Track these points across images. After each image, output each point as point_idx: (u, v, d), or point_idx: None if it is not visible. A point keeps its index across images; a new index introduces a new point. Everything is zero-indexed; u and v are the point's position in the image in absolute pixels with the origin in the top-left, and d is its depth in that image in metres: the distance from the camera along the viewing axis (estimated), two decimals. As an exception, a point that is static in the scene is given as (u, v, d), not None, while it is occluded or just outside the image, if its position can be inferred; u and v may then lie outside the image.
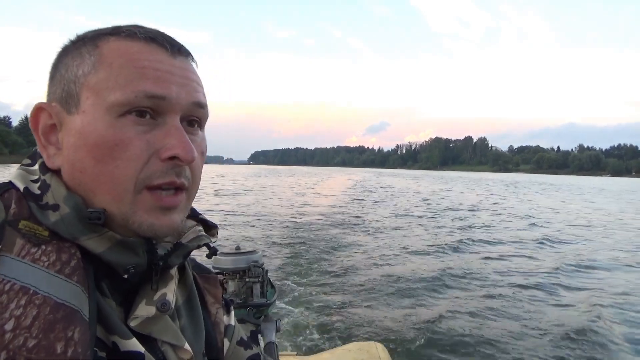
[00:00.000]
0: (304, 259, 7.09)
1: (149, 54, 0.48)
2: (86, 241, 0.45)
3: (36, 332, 0.38)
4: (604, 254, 8.39)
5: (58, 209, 0.45)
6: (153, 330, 0.49)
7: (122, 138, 0.45)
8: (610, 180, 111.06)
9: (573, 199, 26.59)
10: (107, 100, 0.45)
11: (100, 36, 0.49)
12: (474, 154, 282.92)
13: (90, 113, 0.46)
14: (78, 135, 0.46)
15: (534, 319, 4.55)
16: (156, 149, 0.46)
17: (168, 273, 0.53)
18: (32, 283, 0.40)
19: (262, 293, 1.62)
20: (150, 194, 0.47)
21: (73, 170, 0.47)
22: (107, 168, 0.45)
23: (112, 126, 0.45)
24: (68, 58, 0.49)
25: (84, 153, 0.46)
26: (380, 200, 20.28)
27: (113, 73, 0.46)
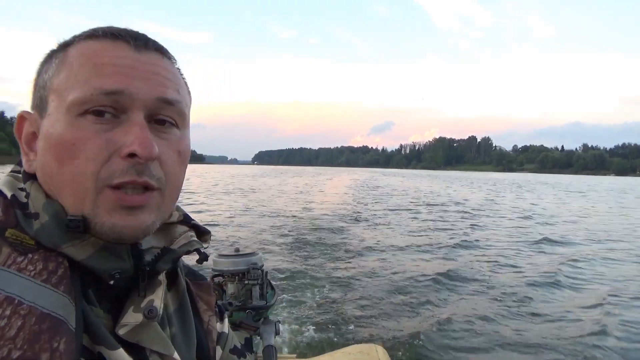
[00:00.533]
0: (304, 260, 7.07)
1: (110, 51, 0.46)
2: (68, 248, 0.44)
3: (21, 343, 0.37)
4: (604, 251, 8.43)
5: (38, 217, 0.45)
6: (141, 338, 0.48)
7: (80, 137, 0.44)
8: (612, 179, 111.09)
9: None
10: (66, 100, 0.45)
11: (70, 43, 0.49)
12: (477, 153, 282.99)
13: (53, 115, 0.46)
14: (44, 139, 0.46)
15: (537, 320, 4.51)
16: (117, 147, 0.45)
17: (156, 279, 0.52)
18: (17, 293, 0.39)
19: (261, 295, 1.60)
20: (113, 193, 0.45)
21: (43, 174, 0.47)
22: (67, 169, 0.44)
23: (71, 125, 0.44)
24: (41, 67, 0.50)
25: (49, 156, 0.46)
26: (382, 200, 20.13)
27: (73, 72, 0.45)
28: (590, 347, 3.83)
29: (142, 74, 0.47)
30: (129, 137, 0.44)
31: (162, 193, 0.49)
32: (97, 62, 0.45)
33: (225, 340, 0.67)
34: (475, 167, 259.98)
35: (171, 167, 0.49)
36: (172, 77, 0.50)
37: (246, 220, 11.72)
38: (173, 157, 0.49)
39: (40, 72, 0.50)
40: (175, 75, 0.51)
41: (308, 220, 11.84)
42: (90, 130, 0.44)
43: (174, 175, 0.50)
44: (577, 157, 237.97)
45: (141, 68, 0.47)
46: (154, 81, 0.47)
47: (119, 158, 0.45)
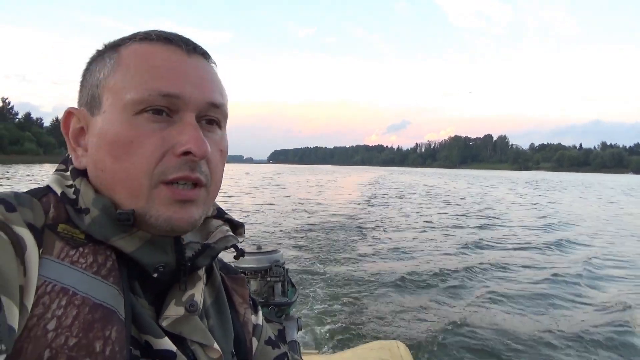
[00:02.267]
0: (325, 256, 7.15)
1: (164, 54, 0.50)
2: (118, 241, 0.47)
3: (76, 331, 0.39)
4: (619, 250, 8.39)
5: (89, 212, 0.47)
6: (183, 330, 0.50)
7: (137, 135, 0.47)
8: (629, 177, 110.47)
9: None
10: (123, 100, 0.47)
11: (120, 42, 0.52)
12: (493, 152, 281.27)
13: (109, 112, 0.48)
14: (98, 135, 0.49)
15: (560, 319, 4.48)
16: (171, 145, 0.48)
17: (196, 274, 0.54)
18: (71, 284, 0.42)
19: (283, 292, 1.64)
20: (167, 188, 0.48)
21: (96, 169, 0.49)
22: (123, 165, 0.47)
23: (128, 124, 0.47)
24: (93, 65, 0.52)
25: (104, 152, 0.48)
26: (400, 198, 20.69)
27: (129, 73, 0.48)
28: (616, 349, 3.77)
29: (193, 78, 0.50)
30: (183, 136, 0.48)
31: (208, 189, 0.52)
32: (153, 64, 0.49)
33: (260, 331, 0.69)
34: (491, 165, 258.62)
35: (215, 164, 0.52)
36: (217, 81, 0.54)
37: (263, 217, 11.94)
38: (216, 156, 0.53)
39: (92, 70, 0.52)
40: (218, 79, 0.54)
41: (326, 217, 12.05)
42: (147, 128, 0.47)
43: (217, 172, 0.53)
44: (594, 156, 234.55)
45: (192, 72, 0.50)
46: (203, 86, 0.51)
47: (173, 155, 0.48)
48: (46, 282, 0.41)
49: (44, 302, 0.40)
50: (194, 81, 0.50)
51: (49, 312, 0.39)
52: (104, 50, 0.53)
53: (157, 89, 0.47)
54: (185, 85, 0.49)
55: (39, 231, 0.43)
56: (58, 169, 0.53)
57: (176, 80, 0.49)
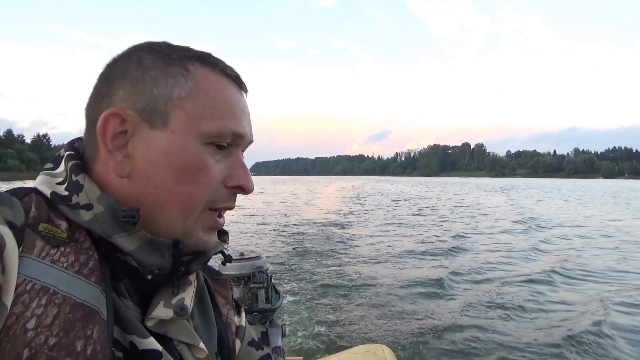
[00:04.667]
0: (307, 262, 7.22)
1: (233, 92, 0.53)
2: (118, 239, 0.47)
3: (57, 331, 0.39)
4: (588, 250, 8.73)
5: (91, 208, 0.47)
6: (169, 330, 0.50)
7: (206, 164, 0.50)
8: (599, 182, 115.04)
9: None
10: (199, 128, 0.49)
11: (186, 59, 0.52)
12: (471, 160, 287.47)
13: (180, 135, 0.49)
14: (163, 153, 0.49)
15: (539, 320, 4.59)
16: (224, 177, 0.52)
17: (187, 279, 0.56)
18: (52, 283, 0.41)
19: (267, 298, 1.62)
20: (210, 215, 0.52)
21: (146, 183, 0.49)
22: (186, 188, 0.49)
23: (200, 152, 0.49)
24: (154, 72, 0.50)
25: (166, 171, 0.48)
26: (380, 206, 21.14)
27: (209, 104, 0.50)
28: (594, 348, 3.84)
29: (248, 119, 0.55)
30: (237, 172, 0.53)
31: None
32: (229, 102, 0.52)
33: (243, 333, 0.70)
34: (469, 173, 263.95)
35: None
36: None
37: (245, 224, 12.18)
38: None
39: (158, 81, 0.50)
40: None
41: (308, 224, 12.35)
42: (212, 160, 0.50)
43: None
44: (567, 162, 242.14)
45: (247, 113, 0.55)
46: (251, 126, 0.56)
47: (224, 186, 0.52)
48: (26, 281, 0.40)
49: (24, 301, 0.39)
50: (248, 122, 0.55)
51: (29, 311, 0.39)
52: (166, 59, 0.51)
53: (232, 128, 0.51)
54: (246, 127, 0.54)
55: (19, 229, 0.42)
56: (46, 168, 0.52)
57: (242, 121, 0.53)
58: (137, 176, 0.49)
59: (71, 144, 0.54)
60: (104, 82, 0.52)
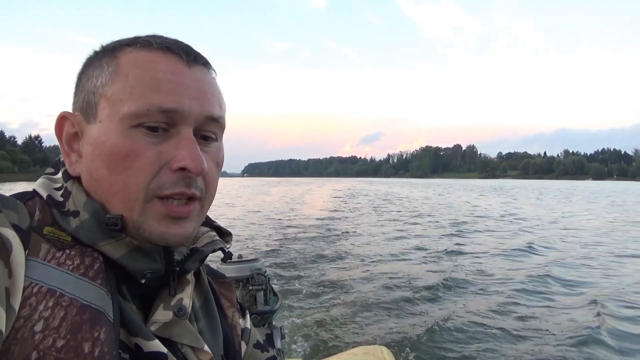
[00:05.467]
0: (305, 264, 7.19)
1: (164, 65, 0.48)
2: (104, 246, 0.46)
3: (64, 333, 0.39)
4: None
5: (78, 215, 0.47)
6: (172, 333, 0.50)
7: (134, 148, 0.46)
8: (588, 183, 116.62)
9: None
10: (121, 111, 0.46)
11: (119, 47, 0.50)
12: (463, 161, 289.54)
13: (105, 123, 0.47)
14: (94, 145, 0.48)
15: (536, 320, 4.61)
16: (167, 160, 0.47)
17: (185, 278, 0.54)
18: (58, 285, 0.41)
19: (265, 301, 1.62)
20: (161, 203, 0.48)
21: (90, 178, 0.49)
22: (119, 177, 0.47)
23: (125, 136, 0.46)
24: (89, 69, 0.50)
25: (99, 162, 0.47)
26: (373, 207, 21.38)
27: (128, 84, 0.47)
28: (582, 345, 3.88)
29: (193, 92, 0.49)
30: (180, 152, 0.47)
31: (202, 202, 0.52)
32: (153, 76, 0.47)
33: (248, 335, 0.69)
34: (460, 174, 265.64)
35: (210, 178, 0.52)
36: (216, 93, 0.53)
37: (242, 227, 12.21)
38: (212, 168, 0.52)
39: (88, 75, 0.50)
40: (218, 90, 0.53)
41: (304, 226, 12.39)
42: (143, 142, 0.47)
43: (212, 185, 0.53)
44: (557, 163, 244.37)
45: (192, 85, 0.49)
46: (203, 99, 0.50)
47: (169, 170, 0.48)
48: (33, 284, 0.40)
49: (31, 304, 0.39)
50: (194, 94, 0.49)
51: (36, 314, 0.39)
52: (102, 53, 0.51)
53: (157, 104, 0.46)
54: (185, 99, 0.48)
55: (24, 233, 0.42)
56: (46, 173, 0.53)
57: (175, 94, 0.48)
58: (84, 173, 0.49)
59: None
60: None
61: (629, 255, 8.37)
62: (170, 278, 0.52)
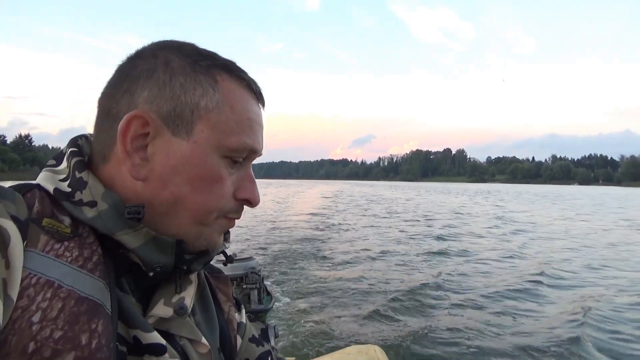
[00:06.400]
0: (298, 264, 7.27)
1: (254, 107, 0.54)
2: (122, 236, 0.48)
3: (62, 324, 0.39)
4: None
5: (95, 205, 0.48)
6: (170, 326, 0.51)
7: (222, 177, 0.52)
8: (574, 188, 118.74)
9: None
10: (220, 142, 0.50)
11: (214, 68, 0.52)
12: (452, 165, 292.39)
13: (202, 146, 0.50)
14: (183, 162, 0.50)
15: (525, 320, 4.69)
16: (235, 188, 0.54)
17: (188, 278, 0.57)
18: (56, 277, 0.41)
19: (259, 299, 1.59)
20: (222, 221, 0.55)
21: (163, 188, 0.50)
22: (201, 198, 0.51)
23: (218, 165, 0.51)
24: (183, 79, 0.50)
25: (183, 179, 0.50)
26: (365, 209, 21.90)
27: (233, 118, 0.51)
28: (570, 346, 3.96)
29: (262, 134, 0.56)
30: (247, 185, 0.55)
31: None
32: (250, 117, 0.53)
33: (244, 329, 0.71)
34: (450, 178, 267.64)
35: None
36: None
37: (235, 226, 13.73)
38: None
39: (185, 87, 0.50)
40: None
41: (296, 227, 12.65)
42: (227, 172, 0.52)
43: None
44: (545, 168, 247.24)
45: (262, 128, 0.56)
46: (263, 140, 0.57)
47: (234, 198, 0.54)
48: (31, 275, 0.40)
49: (29, 295, 0.39)
50: (262, 136, 0.56)
51: (34, 305, 0.39)
52: (194, 66, 0.51)
53: (250, 145, 0.53)
54: (261, 143, 0.55)
55: (23, 224, 0.42)
56: (48, 165, 0.53)
57: (259, 137, 0.55)
58: (153, 180, 0.50)
59: (74, 141, 0.55)
60: (125, 77, 0.51)
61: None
62: (176, 275, 0.54)
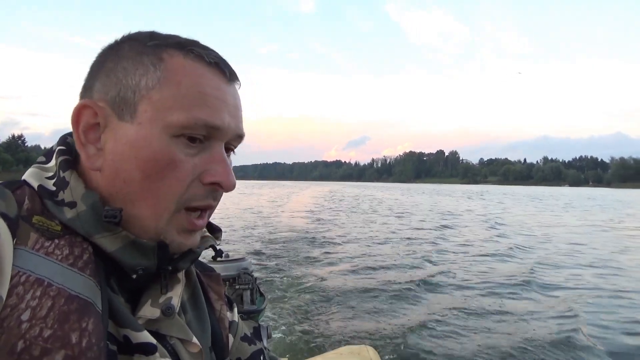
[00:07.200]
0: (290, 265, 7.19)
1: (211, 80, 0.49)
2: (100, 239, 0.46)
3: (51, 323, 0.38)
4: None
5: (75, 206, 0.46)
6: (160, 326, 0.50)
7: (174, 159, 0.47)
8: (564, 190, 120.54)
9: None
10: (166, 119, 0.47)
11: (163, 48, 0.49)
12: (445, 167, 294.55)
13: (146, 127, 0.47)
14: (130, 146, 0.47)
15: (515, 319, 4.70)
16: (200, 172, 0.49)
17: (175, 276, 0.55)
18: (46, 275, 0.41)
19: (252, 300, 1.61)
20: (185, 215, 0.49)
21: (116, 177, 0.48)
22: (154, 184, 0.47)
23: (167, 145, 0.47)
24: (126, 62, 0.49)
25: (133, 165, 0.47)
26: (358, 210, 22.02)
27: (179, 94, 0.47)
28: (562, 346, 3.95)
29: (232, 110, 0.51)
30: (214, 167, 0.49)
31: (211, 211, 0.54)
32: (201, 90, 0.48)
33: (236, 328, 0.70)
34: (443, 179, 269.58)
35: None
36: (242, 109, 0.54)
37: (227, 227, 12.21)
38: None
39: (127, 70, 0.49)
40: (241, 106, 0.54)
41: (289, 228, 12.55)
42: (182, 153, 0.48)
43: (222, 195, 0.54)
44: (536, 170, 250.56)
45: (230, 103, 0.51)
46: (237, 117, 0.52)
47: (200, 183, 0.49)
48: (20, 273, 0.39)
49: (18, 293, 0.39)
50: (231, 112, 0.51)
51: (23, 303, 0.38)
52: (140, 49, 0.49)
53: (203, 119, 0.47)
54: (225, 117, 0.49)
55: (12, 221, 0.42)
56: (38, 162, 0.52)
57: (219, 111, 0.49)
58: (107, 169, 0.48)
59: (63, 138, 0.53)
60: (88, 74, 0.51)
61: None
62: (161, 276, 0.52)
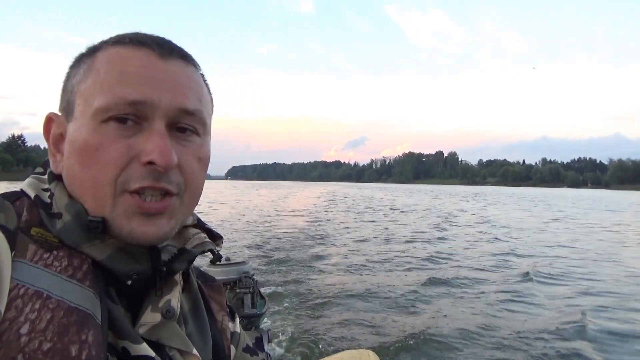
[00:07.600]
0: (291, 268, 7.19)
1: (135, 59, 0.48)
2: (88, 248, 0.46)
3: (51, 336, 0.38)
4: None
5: (61, 217, 0.46)
6: (161, 336, 0.49)
7: (102, 142, 0.46)
8: (562, 191, 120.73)
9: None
10: (92, 106, 0.46)
11: (99, 47, 0.50)
12: (444, 168, 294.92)
13: (79, 119, 0.47)
14: (70, 142, 0.48)
15: (517, 322, 4.68)
16: (136, 153, 0.46)
17: (172, 279, 0.54)
18: (45, 287, 0.40)
19: (252, 304, 1.59)
20: (131, 198, 0.46)
21: (67, 176, 0.49)
22: (89, 172, 0.46)
23: (95, 131, 0.46)
24: (71, 70, 0.51)
25: (74, 159, 0.47)
26: (358, 211, 21.73)
27: (99, 79, 0.47)
28: (567, 346, 3.95)
29: (165, 83, 0.48)
30: (149, 145, 0.46)
31: (181, 198, 0.51)
32: (122, 70, 0.47)
33: (238, 339, 0.69)
34: (442, 180, 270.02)
35: (191, 172, 0.51)
36: (195, 86, 0.52)
37: (227, 230, 12.06)
38: (193, 163, 0.51)
39: (69, 76, 0.51)
40: (198, 83, 0.52)
41: (289, 230, 12.45)
42: (112, 136, 0.46)
43: (194, 180, 0.52)
44: (535, 171, 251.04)
45: (164, 77, 0.48)
46: (176, 91, 0.49)
47: (139, 164, 0.46)
48: (19, 285, 0.39)
49: (17, 306, 0.38)
50: (166, 87, 0.48)
51: (22, 316, 0.38)
52: (83, 54, 0.51)
53: (124, 96, 0.46)
54: (154, 92, 0.47)
55: (11, 233, 0.42)
56: (36, 172, 0.53)
57: (143, 86, 0.47)
58: (63, 171, 0.49)
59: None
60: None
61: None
62: (157, 279, 0.51)
